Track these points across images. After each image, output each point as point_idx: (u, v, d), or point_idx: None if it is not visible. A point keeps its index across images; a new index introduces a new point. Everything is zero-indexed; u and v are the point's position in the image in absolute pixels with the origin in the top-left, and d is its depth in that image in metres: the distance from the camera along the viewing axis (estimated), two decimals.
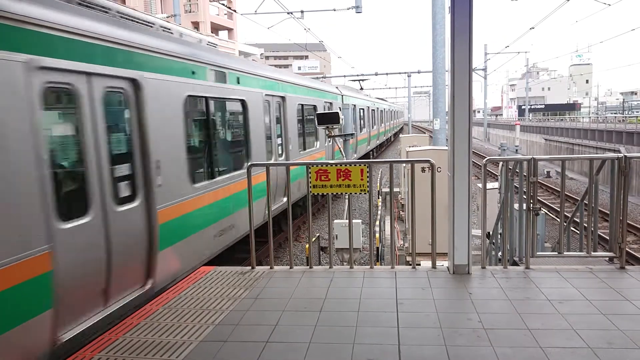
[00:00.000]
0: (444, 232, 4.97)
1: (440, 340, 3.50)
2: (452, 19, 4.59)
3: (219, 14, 46.35)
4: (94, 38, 4.52)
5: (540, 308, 4.00)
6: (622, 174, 4.88)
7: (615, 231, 5.05)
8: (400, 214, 13.70)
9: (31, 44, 3.80)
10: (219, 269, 5.34)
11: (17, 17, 3.67)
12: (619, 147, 25.31)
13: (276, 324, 3.87)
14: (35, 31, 3.84)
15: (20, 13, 3.70)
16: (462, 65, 4.61)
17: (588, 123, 37.22)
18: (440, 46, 12.30)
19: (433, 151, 9.27)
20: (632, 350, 3.27)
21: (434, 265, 5.11)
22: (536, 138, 43.06)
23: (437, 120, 12.76)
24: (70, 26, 4.23)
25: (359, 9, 17.89)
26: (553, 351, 3.28)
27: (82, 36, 4.37)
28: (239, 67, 7.90)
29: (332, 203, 6.24)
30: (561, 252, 5.25)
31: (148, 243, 5.20)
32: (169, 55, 5.78)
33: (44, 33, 3.94)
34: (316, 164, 5.14)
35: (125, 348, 3.57)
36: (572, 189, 22.79)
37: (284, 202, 9.49)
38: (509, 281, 4.64)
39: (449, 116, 4.85)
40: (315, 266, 5.33)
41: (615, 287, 4.39)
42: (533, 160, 4.99)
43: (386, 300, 4.27)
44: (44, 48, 3.94)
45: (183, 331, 3.80)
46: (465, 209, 4.75)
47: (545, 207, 17.97)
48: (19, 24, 3.69)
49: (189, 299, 4.50)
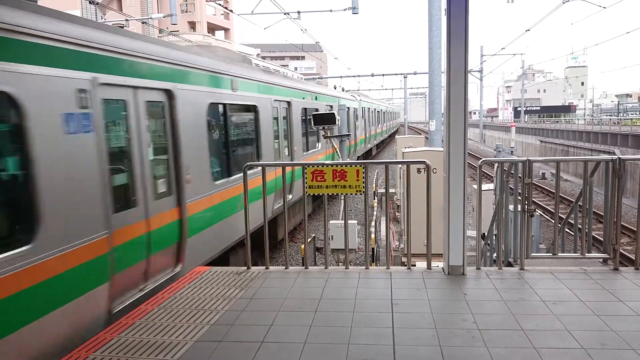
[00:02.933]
0: (439, 233, 4.98)
1: (435, 340, 3.51)
2: (447, 21, 4.61)
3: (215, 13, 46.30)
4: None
5: (534, 309, 4.02)
6: (616, 176, 4.91)
7: (609, 233, 5.07)
8: (396, 214, 13.73)
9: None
10: (215, 269, 5.34)
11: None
12: (614, 150, 25.42)
13: (271, 324, 3.88)
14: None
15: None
16: (457, 67, 4.63)
17: (583, 125, 37.33)
18: (437, 47, 12.33)
19: (429, 152, 9.29)
20: (625, 351, 3.29)
21: (429, 266, 5.12)
22: (532, 140, 43.18)
23: (433, 122, 12.78)
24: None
25: (356, 10, 17.89)
26: (547, 352, 3.29)
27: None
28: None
29: (328, 204, 6.26)
30: (555, 253, 5.28)
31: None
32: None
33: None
34: (312, 164, 5.16)
35: (120, 348, 3.57)
36: (567, 190, 22.87)
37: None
38: (504, 282, 4.66)
39: (444, 118, 4.87)
40: (310, 267, 5.34)
41: (609, 289, 4.42)
42: (528, 161, 5.02)
43: (381, 300, 4.28)
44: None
45: (178, 331, 3.80)
46: (461, 210, 4.77)
47: (540, 209, 18.02)
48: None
49: (184, 299, 4.49)
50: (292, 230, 12.11)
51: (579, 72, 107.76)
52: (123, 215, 4.87)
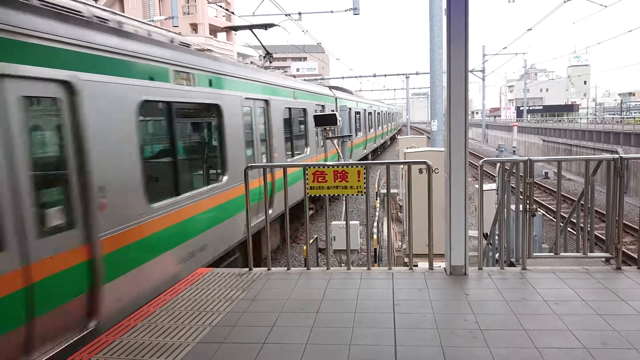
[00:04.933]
0: (441, 234, 4.98)
1: (436, 341, 3.51)
2: (448, 21, 4.61)
3: (217, 15, 46.37)
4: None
5: (536, 309, 4.01)
6: (618, 175, 4.90)
7: (611, 232, 5.06)
8: (398, 215, 13.73)
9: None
10: (217, 271, 5.35)
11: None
12: (617, 148, 25.36)
13: (273, 325, 3.88)
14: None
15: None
16: (458, 67, 4.63)
17: (586, 124, 37.29)
18: (438, 48, 12.35)
19: (430, 152, 9.30)
20: (628, 351, 3.28)
21: (431, 266, 5.12)
22: (534, 139, 43.13)
23: (435, 122, 12.80)
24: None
25: (357, 10, 17.92)
26: (549, 352, 3.29)
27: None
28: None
29: (330, 205, 6.28)
30: (558, 253, 5.27)
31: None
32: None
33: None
34: (313, 165, 5.16)
35: (122, 350, 3.58)
36: (570, 189, 22.84)
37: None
38: (506, 282, 4.65)
39: (445, 118, 4.87)
40: (312, 267, 5.34)
41: (612, 288, 4.41)
42: (529, 161, 5.01)
43: (383, 301, 4.28)
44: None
45: (180, 333, 3.81)
46: (462, 210, 4.76)
47: (543, 208, 18.00)
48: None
49: (186, 300, 4.50)
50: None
51: (582, 70, 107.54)
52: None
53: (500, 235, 5.40)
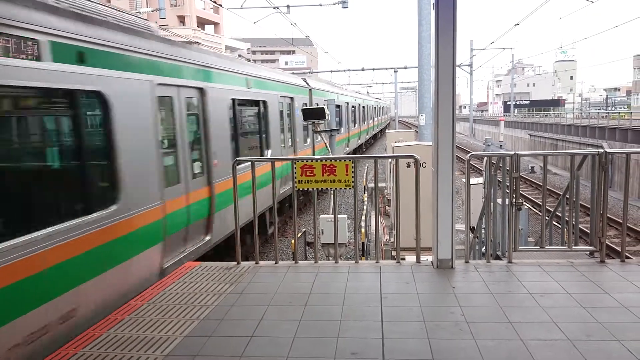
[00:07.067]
0: (428, 227, 5.01)
1: (423, 333, 3.54)
2: (436, 14, 4.63)
3: (205, 8, 46.00)
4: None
5: (521, 301, 4.06)
6: (602, 169, 4.96)
7: (595, 225, 5.13)
8: (386, 209, 13.78)
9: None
10: (205, 265, 5.34)
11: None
12: (602, 143, 25.65)
13: (261, 318, 3.89)
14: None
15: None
16: (446, 61, 4.65)
17: (572, 119, 37.63)
18: (426, 42, 12.34)
19: (418, 147, 9.32)
20: (610, 342, 3.34)
21: (418, 259, 5.15)
22: (521, 134, 43.47)
23: (423, 116, 12.82)
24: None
25: (345, 4, 17.89)
26: (533, 343, 3.33)
27: None
28: None
29: (319, 198, 6.30)
30: (543, 246, 5.33)
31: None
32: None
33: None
34: (302, 159, 5.17)
35: (109, 344, 3.56)
36: (556, 184, 23.08)
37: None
38: (492, 275, 4.70)
39: (432, 112, 4.89)
40: (300, 261, 5.35)
41: (595, 281, 4.48)
42: (515, 155, 5.05)
43: (370, 294, 4.30)
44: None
45: (168, 326, 3.80)
46: (449, 204, 4.80)
47: (529, 202, 18.18)
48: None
49: (173, 294, 4.49)
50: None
51: (568, 66, 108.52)
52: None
53: (486, 229, 5.46)
